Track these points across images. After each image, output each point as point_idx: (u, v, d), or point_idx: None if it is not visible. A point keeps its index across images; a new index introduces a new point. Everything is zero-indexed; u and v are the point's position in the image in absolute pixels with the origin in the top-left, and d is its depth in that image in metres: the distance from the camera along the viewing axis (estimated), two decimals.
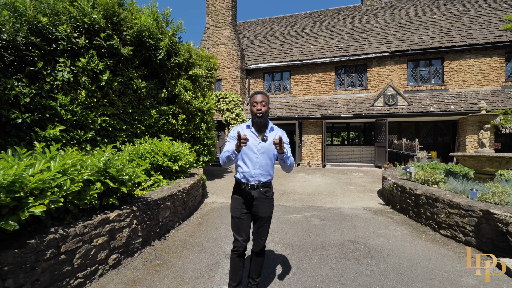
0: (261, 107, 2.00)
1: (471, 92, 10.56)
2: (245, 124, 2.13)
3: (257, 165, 2.02)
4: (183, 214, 4.32)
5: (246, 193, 2.03)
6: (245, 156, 2.02)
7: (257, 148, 2.02)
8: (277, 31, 14.97)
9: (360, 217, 4.34)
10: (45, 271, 2.02)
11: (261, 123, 2.03)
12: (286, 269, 2.61)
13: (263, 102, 2.01)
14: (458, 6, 12.82)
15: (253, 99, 2.04)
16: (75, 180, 2.37)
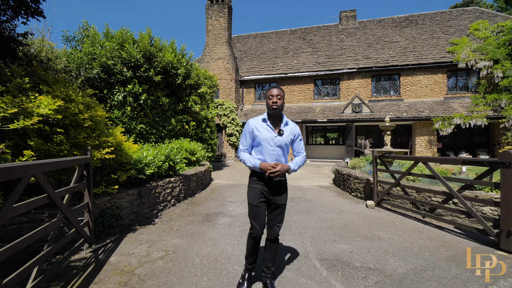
0: (277, 100, 2.15)
1: (420, 102, 13.70)
2: (260, 117, 2.26)
3: (274, 157, 2.18)
4: (201, 186, 7.20)
5: (264, 183, 2.17)
6: (262, 149, 2.19)
7: (273, 142, 2.17)
8: (266, 45, 17.92)
9: (311, 189, 7.28)
10: (150, 199, 4.87)
11: (275, 115, 2.18)
12: None
13: (278, 95, 2.17)
14: (417, 28, 16.00)
15: (269, 92, 2.20)
16: (157, 161, 5.21)
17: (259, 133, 2.20)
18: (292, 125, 2.29)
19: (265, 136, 2.18)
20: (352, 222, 4.22)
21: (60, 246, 2.52)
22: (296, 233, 3.73)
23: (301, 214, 4.71)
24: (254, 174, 2.24)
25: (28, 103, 2.52)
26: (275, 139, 2.17)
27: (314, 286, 2.35)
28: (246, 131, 2.25)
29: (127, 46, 7.79)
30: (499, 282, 2.42)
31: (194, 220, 4.47)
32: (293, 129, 2.27)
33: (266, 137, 2.17)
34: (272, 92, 2.18)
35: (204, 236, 3.67)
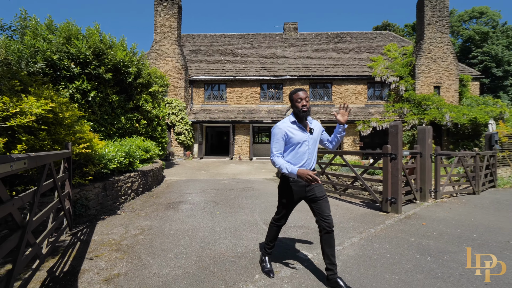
0: (305, 103, 2.27)
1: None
2: (287, 120, 2.33)
3: (311, 156, 2.32)
4: (156, 182, 7.70)
5: (302, 182, 2.27)
6: (300, 150, 2.28)
7: (309, 141, 2.30)
8: (216, 47, 18.70)
9: (258, 181, 8.51)
10: (113, 192, 5.34)
11: (306, 117, 2.29)
12: (218, 194, 6.42)
13: (306, 98, 2.28)
14: (346, 45, 19.00)
15: (296, 96, 2.29)
16: (118, 157, 5.66)
17: (294, 135, 2.27)
18: (316, 122, 2.44)
19: (301, 137, 2.27)
20: None
21: (57, 224, 3.05)
22: (248, 211, 4.81)
23: (251, 199, 5.83)
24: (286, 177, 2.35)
25: (23, 104, 2.97)
26: (309, 138, 2.31)
27: (263, 237, 3.46)
28: (278, 135, 2.28)
29: (76, 42, 7.74)
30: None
31: (158, 208, 5.14)
32: (318, 125, 2.44)
33: (302, 138, 2.28)
34: (300, 95, 2.28)
35: (172, 217, 4.45)
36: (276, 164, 2.28)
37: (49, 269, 2.64)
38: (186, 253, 2.99)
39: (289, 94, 2.37)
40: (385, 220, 4.30)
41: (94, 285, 2.34)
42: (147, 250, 3.08)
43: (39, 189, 2.34)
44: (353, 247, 3.15)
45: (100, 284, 2.34)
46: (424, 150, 5.57)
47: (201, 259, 2.84)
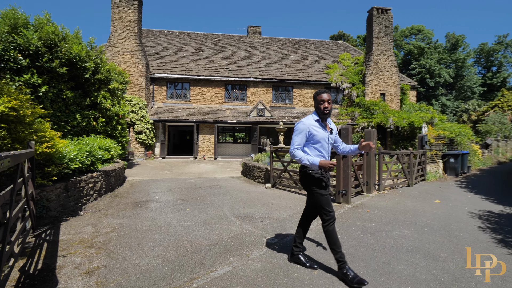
0: (328, 105, 2.41)
1: (307, 110, 17.59)
2: (311, 118, 2.50)
3: (329, 153, 2.54)
4: (119, 182, 7.49)
5: (326, 175, 2.53)
6: (321, 147, 2.45)
7: (328, 139, 2.50)
8: (179, 45, 18.37)
9: (224, 179, 8.79)
10: (75, 192, 5.18)
11: (326, 118, 2.47)
12: (186, 193, 6.56)
13: (329, 100, 2.42)
14: (306, 52, 20.23)
15: (320, 97, 2.44)
16: (80, 156, 5.48)
17: (317, 132, 2.43)
18: (332, 123, 2.62)
19: (323, 135, 2.45)
20: (255, 197, 5.96)
21: (23, 225, 3.00)
22: (217, 206, 5.10)
23: (219, 195, 6.11)
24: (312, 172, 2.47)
25: None
26: (329, 137, 2.51)
27: (234, 228, 3.81)
28: (302, 130, 2.44)
29: (24, 31, 7.18)
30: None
31: (125, 207, 5.13)
32: (335, 126, 2.61)
33: (324, 136, 2.45)
34: (324, 97, 2.42)
35: (142, 215, 4.53)
36: (296, 156, 2.41)
37: (21, 268, 2.64)
38: (162, 245, 3.20)
39: (314, 94, 2.54)
40: (338, 209, 4.98)
41: (75, 278, 2.44)
42: (122, 245, 3.20)
43: (15, 187, 2.37)
44: (311, 232, 3.68)
45: (81, 277, 2.45)
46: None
47: (178, 249, 3.08)
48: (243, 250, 3.06)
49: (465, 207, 5.54)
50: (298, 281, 2.40)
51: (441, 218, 4.61)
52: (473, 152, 14.83)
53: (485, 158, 17.06)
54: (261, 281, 2.40)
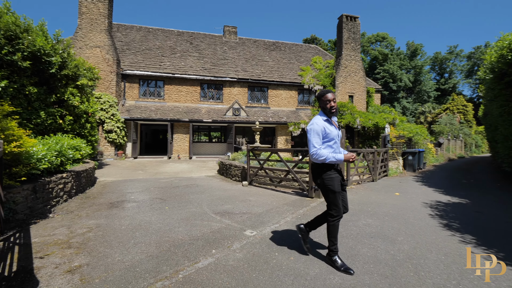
0: (334, 104, 2.54)
1: (281, 110, 18.07)
2: (320, 118, 2.60)
3: (339, 150, 2.68)
4: (90, 183, 7.20)
5: (339, 171, 2.66)
6: (334, 145, 2.59)
7: (339, 137, 2.65)
8: (152, 42, 17.82)
9: (201, 178, 8.81)
10: (44, 194, 4.95)
11: (334, 116, 2.62)
12: (163, 192, 6.50)
13: (334, 99, 2.55)
14: (280, 53, 20.72)
15: (325, 98, 2.57)
16: (49, 156, 5.22)
17: (330, 131, 2.55)
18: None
19: (335, 133, 2.60)
20: (233, 195, 6.12)
21: None
22: (196, 204, 5.18)
23: (197, 194, 6.17)
24: (329, 168, 2.57)
25: None
26: (339, 134, 2.67)
27: (214, 223, 3.94)
28: (317, 130, 2.51)
29: None
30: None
31: (100, 208, 5.00)
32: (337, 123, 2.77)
33: (336, 133, 2.61)
34: (329, 97, 2.55)
35: (119, 215, 4.47)
36: (321, 156, 2.46)
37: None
38: (144, 242, 3.24)
39: (318, 95, 2.65)
40: (310, 203, 5.32)
41: (56, 277, 2.42)
42: (102, 244, 3.19)
43: None
44: (287, 224, 3.94)
45: (63, 275, 2.44)
46: None
47: (161, 244, 3.14)
48: (224, 243, 3.22)
49: (420, 198, 6.20)
50: (277, 266, 2.62)
51: (400, 208, 5.15)
52: (428, 150, 16.34)
53: (438, 156, 18.85)
54: (243, 268, 2.58)
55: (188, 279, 2.38)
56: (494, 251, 3.11)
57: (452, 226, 4.11)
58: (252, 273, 2.50)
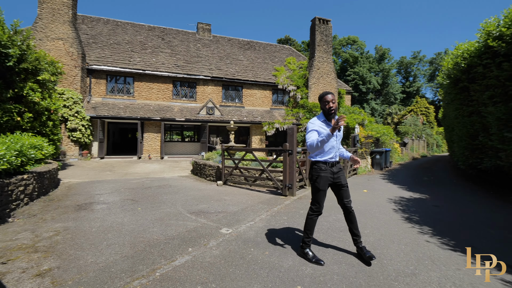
0: (332, 105, 2.67)
1: (256, 110, 18.32)
2: (318, 118, 2.79)
3: (336, 149, 2.78)
4: (53, 184, 6.81)
5: (330, 170, 2.76)
6: (328, 144, 2.71)
7: (336, 136, 2.76)
8: (121, 36, 17.07)
9: (174, 179, 8.71)
10: (2, 197, 4.64)
11: (332, 116, 2.72)
12: (134, 193, 6.35)
13: (333, 100, 2.67)
14: (255, 53, 20.96)
15: (324, 99, 2.70)
16: (8, 156, 4.90)
17: (325, 130, 2.66)
18: None
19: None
20: (208, 194, 6.18)
21: None
22: (170, 204, 5.17)
23: (170, 194, 6.14)
24: (320, 166, 2.78)
25: None
26: (336, 134, 2.76)
27: (189, 223, 4.00)
28: (313, 128, 2.73)
29: None
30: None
31: (67, 211, 4.80)
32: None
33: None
34: (328, 98, 2.69)
35: (88, 217, 4.34)
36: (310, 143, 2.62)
37: None
38: (118, 243, 3.22)
39: (319, 96, 2.79)
40: (284, 201, 5.57)
41: (25, 281, 2.36)
42: (73, 247, 3.11)
43: None
44: (262, 221, 4.12)
45: (33, 279, 2.38)
46: None
47: (136, 245, 3.15)
48: (200, 241, 3.31)
49: (385, 194, 6.75)
50: (253, 260, 2.78)
51: (367, 204, 5.58)
52: (394, 149, 17.59)
53: (403, 155, 20.36)
54: (220, 264, 2.70)
55: (166, 277, 2.45)
56: (447, 240, 3.55)
57: (412, 219, 4.57)
58: (229, 268, 2.63)
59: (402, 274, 2.59)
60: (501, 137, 5.92)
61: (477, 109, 7.30)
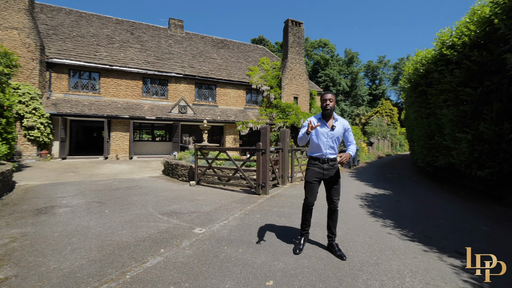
0: (329, 103, 2.87)
1: (229, 109, 18.27)
2: (317, 116, 3.01)
3: (328, 146, 2.90)
4: (8, 188, 6.24)
5: (320, 166, 2.91)
6: (319, 140, 2.91)
7: (327, 134, 2.90)
8: (85, 28, 16.02)
9: (144, 179, 8.41)
10: None
11: (327, 115, 2.90)
12: (101, 195, 6.04)
13: (330, 99, 2.87)
14: (229, 52, 20.87)
15: (322, 97, 2.93)
16: None
17: (318, 127, 2.90)
18: (342, 120, 2.98)
19: (322, 130, 2.91)
20: (180, 195, 6.08)
21: None
22: (140, 206, 5.01)
23: (140, 195, 5.94)
24: (311, 161, 3.00)
25: None
26: (329, 132, 2.90)
27: (161, 224, 3.92)
28: (304, 125, 2.96)
29: None
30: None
31: (24, 215, 4.44)
32: (344, 124, 2.96)
33: (323, 131, 2.91)
34: (326, 97, 2.91)
35: (49, 222, 4.06)
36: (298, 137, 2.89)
37: None
38: (84, 247, 3.07)
39: (321, 94, 3.01)
40: (258, 200, 5.67)
41: None
42: (32, 253, 2.91)
43: None
44: (236, 220, 4.17)
45: None
46: (284, 146, 7.50)
47: (104, 248, 3.03)
48: (173, 242, 3.27)
49: (353, 191, 7.15)
50: (226, 258, 2.83)
51: None
52: (361, 148, 18.58)
53: (370, 154, 21.58)
54: (193, 263, 2.71)
55: (137, 279, 2.40)
56: (406, 231, 3.88)
57: (376, 213, 4.91)
58: (202, 267, 2.65)
59: (366, 264, 2.79)
60: (453, 137, 6.56)
61: (433, 111, 8.00)
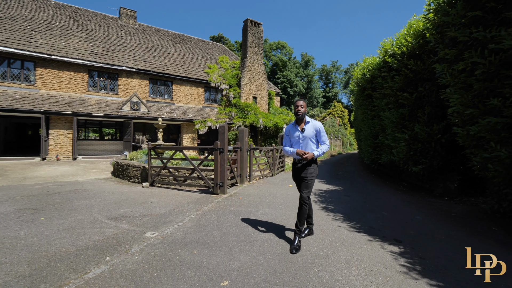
0: (300, 109, 3.20)
1: (187, 107, 17.68)
2: (290, 125, 3.39)
3: (303, 147, 3.25)
4: None
5: (296, 165, 3.32)
6: (295, 144, 3.31)
7: (299, 138, 3.26)
8: (16, 10, 13.92)
9: (89, 182, 7.66)
10: None
11: (300, 119, 3.25)
12: (35, 201, 5.30)
13: (302, 105, 3.21)
14: (186, 48, 20.17)
15: (295, 104, 3.28)
16: None
17: (292, 132, 3.32)
18: (314, 123, 3.29)
19: (295, 134, 3.28)
20: (131, 197, 5.68)
21: None
22: (84, 211, 4.54)
23: (85, 200, 5.38)
24: (294, 162, 3.35)
25: None
26: (300, 135, 3.24)
27: (108, 229, 3.60)
28: (285, 133, 3.43)
29: None
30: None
31: None
32: (315, 126, 3.26)
33: (296, 135, 3.27)
34: (298, 104, 3.24)
35: None
36: (285, 151, 3.33)
37: None
38: (10, 261, 2.66)
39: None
40: (215, 199, 5.58)
41: None
42: None
43: None
44: (191, 221, 4.04)
45: None
46: (242, 145, 7.52)
47: (36, 261, 2.66)
48: (121, 248, 3.03)
49: None
50: (180, 262, 2.71)
51: (292, 197, 6.09)
52: None
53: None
54: (143, 270, 2.54)
55: None
56: (354, 223, 4.18)
57: (328, 208, 5.21)
58: (153, 273, 2.50)
59: (318, 257, 2.94)
60: (394, 137, 7.30)
61: (377, 114, 8.80)
